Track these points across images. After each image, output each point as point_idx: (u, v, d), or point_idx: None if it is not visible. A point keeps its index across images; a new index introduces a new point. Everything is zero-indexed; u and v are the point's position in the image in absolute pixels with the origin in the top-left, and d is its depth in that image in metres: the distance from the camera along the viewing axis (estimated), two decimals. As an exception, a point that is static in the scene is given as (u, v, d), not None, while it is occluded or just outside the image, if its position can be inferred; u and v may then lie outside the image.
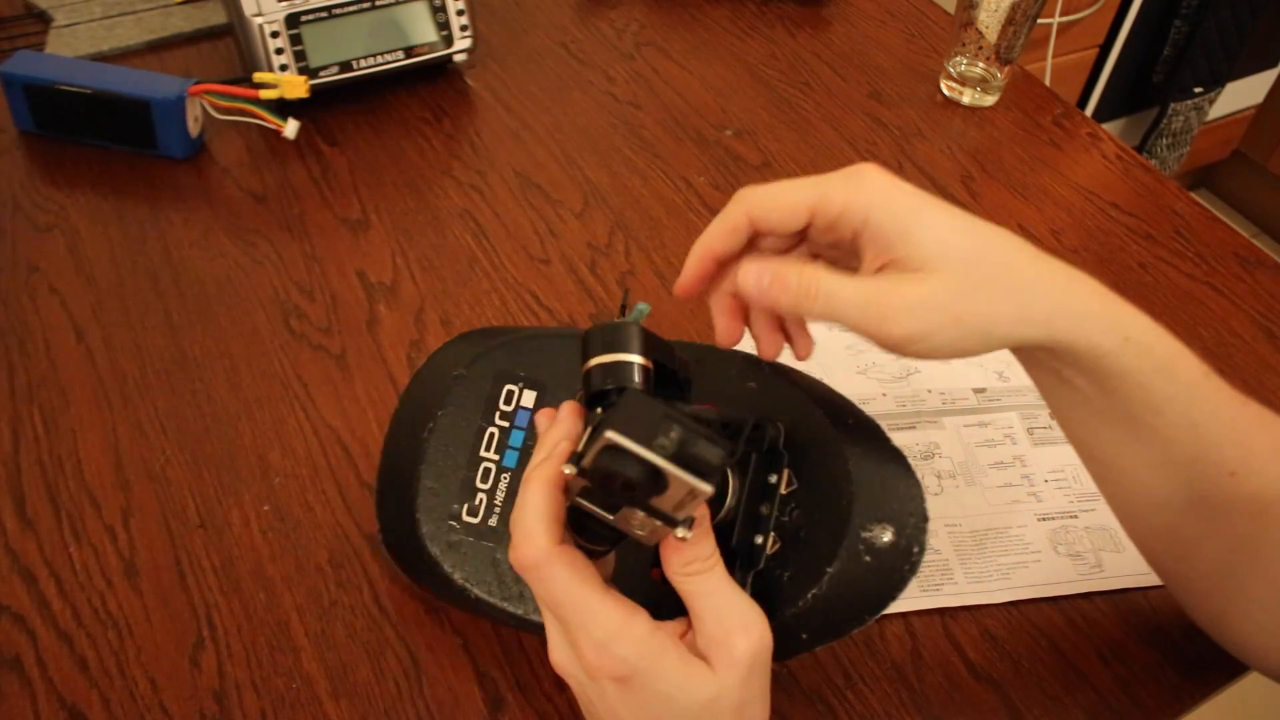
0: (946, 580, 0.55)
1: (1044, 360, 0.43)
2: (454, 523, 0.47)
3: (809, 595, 0.43)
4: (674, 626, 0.39)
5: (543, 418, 0.42)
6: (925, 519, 0.44)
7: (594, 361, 0.40)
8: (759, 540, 0.44)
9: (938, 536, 0.57)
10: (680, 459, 0.34)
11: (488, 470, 0.48)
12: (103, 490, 0.56)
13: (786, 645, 0.42)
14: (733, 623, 0.38)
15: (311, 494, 0.57)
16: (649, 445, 0.33)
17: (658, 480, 0.34)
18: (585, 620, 0.37)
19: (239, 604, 0.52)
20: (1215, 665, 0.52)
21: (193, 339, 0.64)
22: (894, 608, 0.54)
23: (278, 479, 0.57)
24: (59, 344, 0.63)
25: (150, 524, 0.55)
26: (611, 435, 0.33)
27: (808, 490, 0.44)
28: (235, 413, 0.60)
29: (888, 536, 0.43)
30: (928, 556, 0.56)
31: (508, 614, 0.47)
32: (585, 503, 0.37)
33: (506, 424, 0.49)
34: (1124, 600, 0.55)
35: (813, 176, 0.41)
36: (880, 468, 0.45)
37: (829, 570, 0.43)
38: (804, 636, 0.43)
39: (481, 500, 0.48)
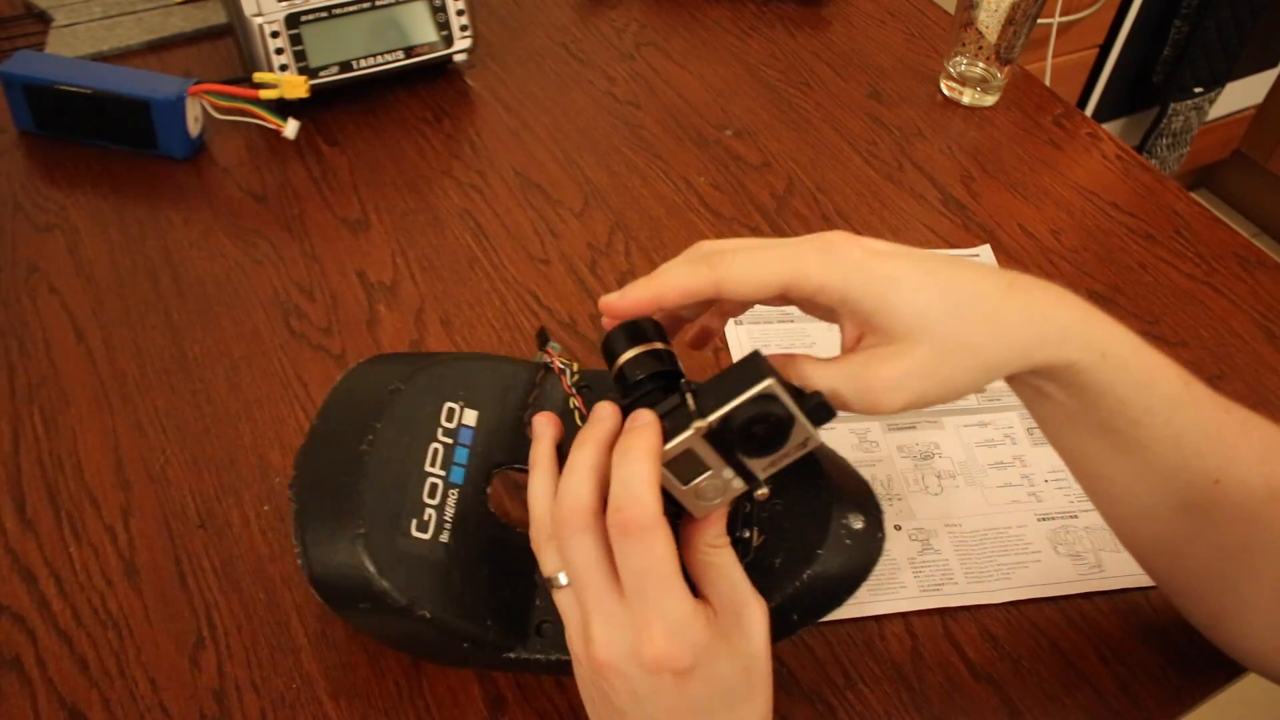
0: (946, 580, 0.55)
1: (1023, 377, 0.43)
2: (401, 539, 0.45)
3: (804, 575, 0.46)
4: None
5: (542, 420, 0.45)
6: (880, 510, 0.49)
7: (629, 353, 0.42)
8: (745, 534, 0.46)
9: (938, 536, 0.57)
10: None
11: (434, 486, 0.47)
12: (103, 490, 0.57)
13: (779, 627, 0.44)
14: (749, 590, 0.41)
15: (311, 494, 0.57)
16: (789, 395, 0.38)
17: (788, 428, 0.38)
18: (667, 597, 0.37)
19: (239, 604, 0.52)
20: (1215, 665, 0.52)
21: (193, 339, 0.64)
22: (894, 607, 0.54)
23: (278, 479, 0.57)
24: (59, 344, 0.63)
25: (150, 524, 0.55)
26: (770, 384, 0.37)
27: (782, 488, 0.47)
28: (235, 413, 0.60)
29: (860, 524, 0.47)
30: (928, 556, 0.56)
31: (461, 631, 0.44)
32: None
33: (450, 440, 0.48)
34: (1124, 600, 0.55)
35: (783, 247, 0.41)
36: (836, 466, 0.50)
37: (819, 551, 0.46)
38: (794, 617, 0.46)
39: (431, 516, 0.46)
